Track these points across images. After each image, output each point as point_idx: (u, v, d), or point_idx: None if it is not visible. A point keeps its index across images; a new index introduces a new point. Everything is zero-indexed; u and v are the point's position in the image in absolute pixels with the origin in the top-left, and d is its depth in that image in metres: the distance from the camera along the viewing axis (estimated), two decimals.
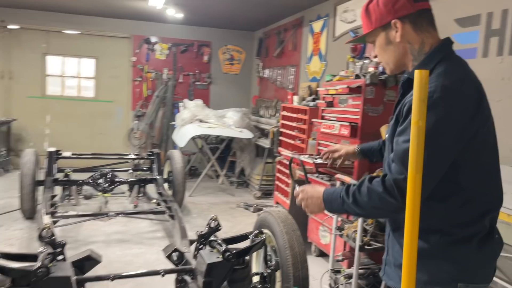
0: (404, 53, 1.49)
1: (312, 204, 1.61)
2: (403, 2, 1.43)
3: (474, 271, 1.41)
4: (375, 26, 1.50)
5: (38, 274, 2.12)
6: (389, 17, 1.45)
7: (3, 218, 4.83)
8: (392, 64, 1.54)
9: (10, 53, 7.59)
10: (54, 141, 7.53)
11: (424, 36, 1.46)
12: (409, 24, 1.45)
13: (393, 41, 1.48)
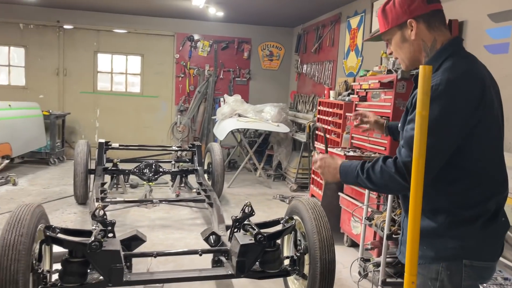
0: (418, 50, 1.61)
1: (328, 173, 1.72)
2: (417, 3, 1.55)
3: (479, 249, 1.52)
4: (392, 25, 1.62)
5: (92, 247, 2.42)
6: (405, 17, 1.57)
7: (59, 203, 5.27)
8: (407, 60, 1.66)
9: (65, 51, 8.17)
10: (103, 133, 8.04)
11: (436, 34, 1.58)
12: (423, 23, 1.56)
13: (408, 39, 1.60)
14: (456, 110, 1.43)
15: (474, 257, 1.51)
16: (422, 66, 1.35)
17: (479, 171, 1.52)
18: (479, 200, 1.52)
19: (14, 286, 2.13)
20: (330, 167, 1.71)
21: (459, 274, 1.51)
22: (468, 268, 1.51)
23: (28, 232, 2.26)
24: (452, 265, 1.51)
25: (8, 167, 6.60)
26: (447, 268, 1.51)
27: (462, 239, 1.51)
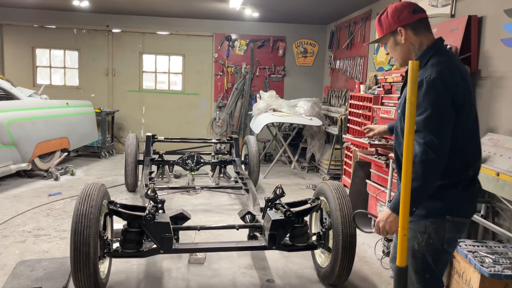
0: (408, 51, 1.98)
1: (390, 223, 1.85)
2: (405, 14, 1.94)
3: (459, 208, 1.90)
4: (386, 32, 2.01)
5: (147, 218, 2.88)
6: (395, 26, 1.96)
7: (112, 190, 5.85)
8: (400, 60, 2.05)
9: (114, 53, 8.85)
10: (148, 129, 8.66)
11: (421, 38, 1.95)
12: (410, 30, 1.95)
13: (400, 43, 1.98)
14: (447, 94, 1.79)
15: (455, 213, 1.88)
16: (411, 61, 1.69)
17: (462, 145, 1.88)
18: (460, 168, 1.90)
19: (86, 247, 2.62)
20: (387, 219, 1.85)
21: (443, 228, 1.88)
22: (450, 222, 1.88)
23: (96, 205, 2.75)
24: (437, 221, 1.88)
25: (66, 160, 7.31)
26: (433, 223, 1.89)
27: (446, 200, 1.88)
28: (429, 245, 1.90)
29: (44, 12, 8.48)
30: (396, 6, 1.99)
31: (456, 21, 4.04)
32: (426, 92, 1.78)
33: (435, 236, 1.88)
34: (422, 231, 1.90)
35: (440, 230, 1.88)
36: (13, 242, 3.85)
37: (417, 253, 1.92)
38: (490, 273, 2.65)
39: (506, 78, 3.46)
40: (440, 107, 1.78)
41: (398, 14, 1.95)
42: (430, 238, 1.89)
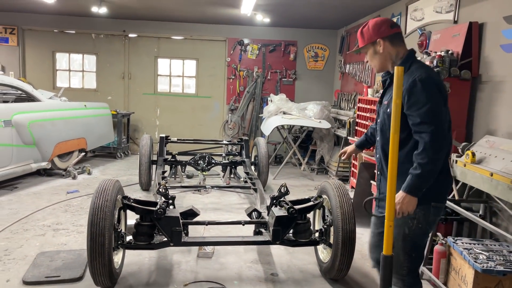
0: (385, 60, 2.31)
1: (407, 204, 2.05)
2: (384, 28, 2.27)
3: (439, 194, 2.20)
4: (367, 43, 2.32)
5: (158, 212, 3.08)
6: (375, 37, 2.28)
7: (126, 189, 6.07)
8: (378, 67, 2.37)
9: (130, 57, 9.14)
10: (162, 131, 8.92)
11: (398, 49, 2.29)
12: (388, 41, 2.27)
13: (378, 52, 2.30)
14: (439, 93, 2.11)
15: (437, 200, 2.20)
16: (397, 67, 1.87)
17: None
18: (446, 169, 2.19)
19: (102, 238, 2.83)
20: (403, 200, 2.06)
21: (428, 213, 2.18)
22: (433, 208, 2.19)
23: (111, 199, 2.96)
24: (425, 207, 2.16)
25: (83, 160, 7.61)
26: (422, 209, 2.15)
27: (432, 188, 2.12)
28: (418, 229, 2.20)
29: (64, 18, 8.82)
30: (377, 21, 2.32)
31: (458, 27, 4.16)
32: (423, 89, 2.06)
33: (423, 221, 2.18)
34: (412, 217, 2.16)
35: (426, 215, 2.18)
36: (34, 235, 4.09)
37: (407, 237, 2.19)
38: (483, 269, 2.78)
39: (505, 82, 3.58)
40: (436, 101, 2.08)
41: (378, 28, 2.28)
42: (419, 223, 2.18)
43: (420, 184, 2.04)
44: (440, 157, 2.05)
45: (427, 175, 2.02)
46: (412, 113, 2.10)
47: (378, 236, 2.37)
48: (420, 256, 2.29)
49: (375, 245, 2.43)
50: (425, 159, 2.00)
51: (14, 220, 4.46)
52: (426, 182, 2.04)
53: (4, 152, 5.32)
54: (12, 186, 5.81)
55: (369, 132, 2.79)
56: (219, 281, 3.26)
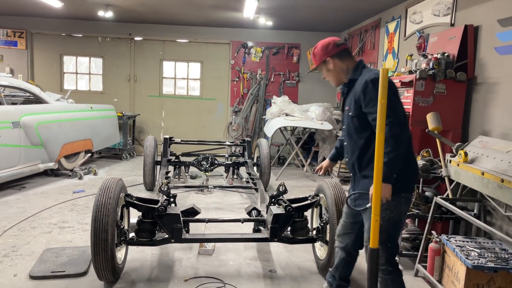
0: (338, 74, 2.61)
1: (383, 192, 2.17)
2: (331, 47, 2.57)
3: (408, 186, 2.45)
4: (318, 63, 2.64)
5: (159, 210, 3.19)
6: (325, 57, 2.59)
7: (131, 189, 6.20)
8: (334, 81, 2.68)
9: (135, 60, 9.30)
10: (167, 132, 9.04)
11: (347, 63, 2.59)
12: (336, 58, 2.57)
13: (330, 69, 2.61)
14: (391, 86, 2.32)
15: (406, 191, 2.44)
16: (381, 69, 1.96)
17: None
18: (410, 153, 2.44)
19: (105, 234, 2.94)
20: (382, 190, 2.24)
21: (400, 204, 2.40)
22: (403, 198, 2.40)
23: (114, 196, 3.07)
24: (396, 198, 2.33)
25: (89, 160, 7.75)
26: (393, 200, 2.32)
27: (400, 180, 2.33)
28: (391, 219, 2.39)
29: (71, 22, 9.01)
30: (324, 42, 2.62)
31: (454, 30, 4.24)
32: (374, 87, 2.32)
33: (395, 212, 2.39)
34: (385, 208, 2.33)
35: (398, 205, 2.38)
36: (41, 232, 4.22)
37: (382, 227, 2.26)
38: (473, 265, 2.86)
39: (498, 84, 3.65)
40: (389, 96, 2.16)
41: (325, 48, 2.58)
42: (392, 213, 2.38)
43: (389, 171, 2.23)
44: (401, 143, 2.26)
45: (394, 162, 2.23)
46: (369, 110, 2.37)
47: (349, 225, 2.77)
48: (395, 246, 2.48)
49: (345, 233, 2.81)
50: (389, 147, 2.19)
51: (22, 218, 4.59)
52: (394, 168, 2.25)
53: (13, 152, 5.47)
54: (20, 185, 5.96)
55: (338, 145, 3.05)
56: (218, 277, 3.36)
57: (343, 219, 2.83)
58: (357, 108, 2.44)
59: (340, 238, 2.86)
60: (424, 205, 3.66)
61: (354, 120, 2.48)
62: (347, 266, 2.93)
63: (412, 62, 4.35)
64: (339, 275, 2.96)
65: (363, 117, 2.43)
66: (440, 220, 3.70)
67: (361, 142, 2.48)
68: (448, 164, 3.46)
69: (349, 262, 2.91)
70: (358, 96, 2.41)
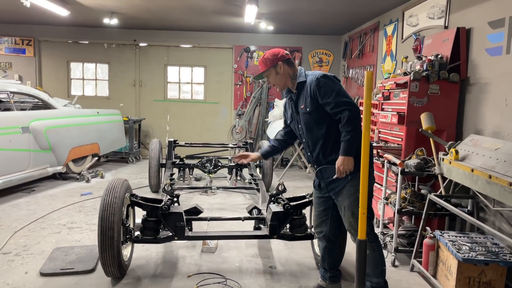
0: (286, 78, 2.93)
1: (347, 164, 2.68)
2: (281, 54, 2.92)
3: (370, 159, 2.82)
4: (269, 66, 2.91)
5: (163, 208, 3.35)
6: (276, 61, 2.90)
7: (137, 191, 6.24)
8: (281, 85, 2.96)
9: (140, 66, 9.50)
10: (172, 136, 9.21)
11: (293, 69, 2.94)
12: (285, 64, 2.91)
13: (279, 73, 2.91)
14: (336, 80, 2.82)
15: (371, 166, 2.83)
16: (367, 72, 2.09)
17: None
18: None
19: (111, 231, 3.09)
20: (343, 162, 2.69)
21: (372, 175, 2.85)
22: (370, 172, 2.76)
23: (119, 196, 3.22)
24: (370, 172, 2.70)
25: (96, 164, 7.94)
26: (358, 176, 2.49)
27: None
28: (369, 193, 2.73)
29: (77, 29, 9.23)
30: (274, 50, 2.95)
31: (447, 32, 4.36)
32: (325, 82, 2.73)
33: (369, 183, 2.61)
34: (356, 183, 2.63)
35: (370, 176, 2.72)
36: (50, 233, 4.39)
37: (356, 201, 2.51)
38: (464, 258, 2.97)
39: (490, 84, 3.77)
40: (338, 85, 2.76)
41: (276, 54, 2.91)
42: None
43: (352, 146, 2.65)
44: (359, 122, 2.65)
45: (355, 138, 2.62)
46: (326, 100, 2.71)
47: (323, 213, 3.06)
48: (371, 214, 2.84)
49: (321, 221, 3.09)
50: (350, 126, 2.63)
51: (32, 219, 4.77)
52: (355, 143, 2.64)
53: (22, 157, 5.66)
54: (29, 189, 6.15)
55: (273, 143, 3.34)
56: (220, 273, 3.50)
57: (315, 209, 3.13)
58: (314, 103, 2.77)
59: (317, 228, 3.12)
60: (419, 203, 3.78)
61: (313, 114, 2.80)
62: (332, 254, 3.14)
63: (407, 64, 4.47)
64: (328, 265, 3.15)
65: (320, 109, 2.77)
66: (434, 216, 3.81)
67: (322, 132, 2.81)
68: (441, 162, 3.58)
69: (331, 249, 3.13)
70: (313, 92, 2.75)
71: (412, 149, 4.11)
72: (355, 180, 2.70)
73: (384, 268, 2.91)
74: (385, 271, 2.91)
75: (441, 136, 4.04)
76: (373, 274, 2.86)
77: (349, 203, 2.78)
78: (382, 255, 2.90)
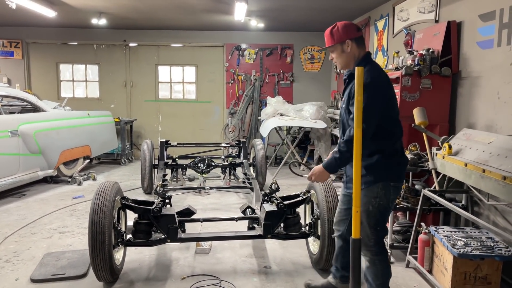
0: (350, 59, 2.64)
1: (319, 176, 2.66)
2: (352, 30, 2.61)
3: (395, 175, 2.60)
4: (336, 42, 2.63)
5: (154, 211, 3.29)
6: (345, 38, 2.60)
7: (130, 193, 6.29)
8: (343, 64, 2.68)
9: (131, 66, 9.41)
10: (165, 136, 9.14)
11: (360, 50, 2.63)
12: (354, 42, 2.60)
13: (345, 51, 2.62)
14: (378, 93, 2.42)
15: (394, 180, 2.59)
16: (357, 67, 2.06)
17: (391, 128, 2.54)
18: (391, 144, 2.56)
19: (102, 236, 3.03)
20: (319, 172, 2.66)
21: (388, 192, 2.56)
22: (393, 187, 2.54)
23: (109, 199, 3.16)
24: (385, 187, 2.50)
25: (88, 166, 7.86)
26: (382, 188, 2.50)
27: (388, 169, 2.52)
28: (380, 206, 2.56)
29: (66, 30, 9.12)
30: (346, 24, 2.64)
31: (438, 26, 4.34)
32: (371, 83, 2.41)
33: (384, 199, 2.55)
34: (374, 196, 2.54)
35: (387, 194, 2.55)
36: (41, 238, 4.32)
37: (371, 213, 2.57)
38: (459, 253, 2.95)
39: (481, 77, 3.75)
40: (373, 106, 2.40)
41: (347, 29, 2.60)
42: (381, 201, 2.55)
43: (336, 165, 2.59)
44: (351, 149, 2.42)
45: (344, 161, 2.55)
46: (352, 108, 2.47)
47: (344, 212, 2.89)
48: (383, 229, 2.68)
49: (340, 220, 2.92)
50: (346, 147, 2.47)
51: (23, 224, 4.69)
52: (342, 165, 2.60)
53: (12, 161, 5.57)
54: (20, 193, 6.05)
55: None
56: (214, 274, 3.45)
57: (339, 206, 3.00)
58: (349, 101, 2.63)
59: (336, 225, 3.00)
60: (413, 198, 3.75)
61: (347, 111, 2.64)
62: (346, 254, 2.93)
63: (398, 59, 4.44)
64: (340, 264, 3.07)
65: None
66: (429, 212, 3.79)
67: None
68: (435, 157, 3.56)
69: (346, 249, 2.93)
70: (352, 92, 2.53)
71: (405, 145, 4.08)
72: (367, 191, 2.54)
73: (386, 279, 2.76)
74: (387, 282, 2.77)
75: (434, 130, 4.02)
76: (373, 283, 2.76)
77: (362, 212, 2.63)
78: (384, 269, 2.74)
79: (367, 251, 2.67)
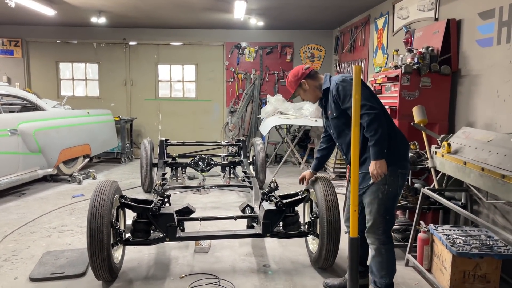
0: (314, 91, 2.99)
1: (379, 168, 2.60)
2: (301, 72, 2.98)
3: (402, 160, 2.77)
4: (295, 88, 3.01)
5: (153, 209, 3.29)
6: (299, 81, 2.98)
7: (130, 192, 6.29)
8: (312, 99, 3.04)
9: (131, 64, 9.40)
10: (165, 135, 9.15)
11: (317, 79, 2.99)
12: (309, 79, 2.97)
13: (306, 89, 2.99)
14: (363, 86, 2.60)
15: (401, 167, 2.73)
16: (354, 66, 2.05)
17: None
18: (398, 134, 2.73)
19: (100, 235, 3.03)
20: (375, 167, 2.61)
21: (397, 178, 2.70)
22: (400, 174, 2.71)
23: (108, 198, 3.16)
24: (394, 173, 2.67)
25: (88, 165, 7.86)
26: (391, 175, 2.66)
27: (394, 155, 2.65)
28: (389, 192, 2.69)
29: (66, 29, 9.11)
30: (293, 71, 3.02)
31: (437, 24, 4.33)
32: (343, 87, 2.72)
33: (393, 185, 2.68)
34: (384, 183, 2.66)
35: (395, 180, 2.69)
36: (40, 236, 4.32)
37: (381, 200, 2.68)
38: (458, 252, 2.94)
39: (480, 76, 3.74)
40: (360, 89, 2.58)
41: (297, 74, 2.99)
42: (390, 187, 2.68)
43: (380, 149, 2.59)
44: (381, 124, 2.58)
45: (381, 140, 2.57)
46: (346, 105, 2.72)
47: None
48: (392, 218, 2.80)
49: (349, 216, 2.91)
50: (372, 131, 2.57)
51: (22, 223, 4.70)
52: (382, 145, 2.59)
53: (11, 159, 5.57)
54: (20, 192, 6.06)
55: (319, 155, 3.38)
56: (213, 273, 3.45)
57: (347, 203, 3.12)
58: (338, 108, 2.80)
59: (346, 222, 3.09)
60: (412, 197, 3.75)
61: (340, 118, 2.82)
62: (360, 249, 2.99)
63: (398, 57, 4.43)
64: None
65: (345, 113, 2.77)
66: (428, 210, 3.78)
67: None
68: (434, 155, 3.55)
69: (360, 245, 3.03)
70: (335, 98, 2.78)
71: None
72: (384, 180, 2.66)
73: (390, 271, 2.86)
74: (392, 274, 2.87)
75: (433, 129, 4.01)
76: (378, 274, 2.85)
77: (369, 201, 2.77)
78: (390, 260, 2.83)
79: (375, 239, 2.77)
